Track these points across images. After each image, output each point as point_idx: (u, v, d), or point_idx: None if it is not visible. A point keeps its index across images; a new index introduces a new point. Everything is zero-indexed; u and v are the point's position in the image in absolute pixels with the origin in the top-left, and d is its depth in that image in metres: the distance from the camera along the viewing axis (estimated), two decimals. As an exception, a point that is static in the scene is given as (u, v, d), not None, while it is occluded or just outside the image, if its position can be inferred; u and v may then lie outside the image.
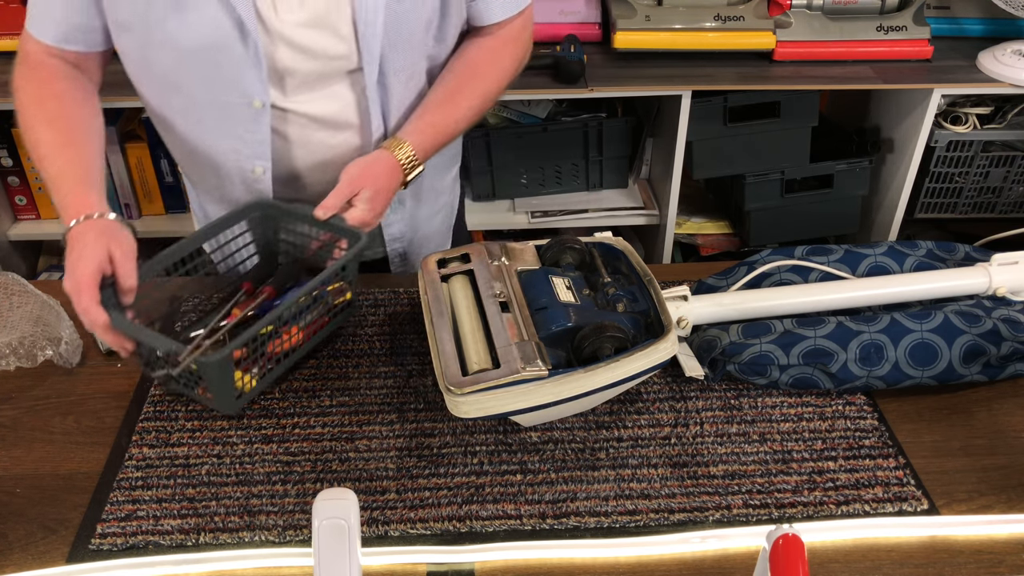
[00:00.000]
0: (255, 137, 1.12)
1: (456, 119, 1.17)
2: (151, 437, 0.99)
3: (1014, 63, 1.87)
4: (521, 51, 1.23)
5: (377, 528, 0.89)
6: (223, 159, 1.16)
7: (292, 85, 1.10)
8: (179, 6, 1.02)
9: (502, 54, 1.20)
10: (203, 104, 1.11)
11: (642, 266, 1.06)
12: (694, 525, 0.89)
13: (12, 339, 1.08)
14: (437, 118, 1.15)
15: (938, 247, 1.18)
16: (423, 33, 1.12)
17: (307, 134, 1.14)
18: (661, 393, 1.05)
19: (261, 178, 1.17)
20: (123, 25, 1.06)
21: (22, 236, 2.15)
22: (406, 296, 1.22)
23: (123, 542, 0.88)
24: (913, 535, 0.88)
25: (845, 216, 2.15)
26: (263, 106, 1.09)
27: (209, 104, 1.10)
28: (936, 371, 1.02)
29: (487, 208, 2.21)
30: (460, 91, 1.16)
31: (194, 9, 1.02)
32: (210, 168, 1.18)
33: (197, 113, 1.12)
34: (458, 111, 1.16)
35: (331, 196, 1.07)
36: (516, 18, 1.18)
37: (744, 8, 1.92)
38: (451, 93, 1.16)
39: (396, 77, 1.12)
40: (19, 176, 2.09)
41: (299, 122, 1.13)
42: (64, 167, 1.04)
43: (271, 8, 1.04)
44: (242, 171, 1.16)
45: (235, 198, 1.20)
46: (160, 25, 1.03)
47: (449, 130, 1.16)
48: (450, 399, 0.90)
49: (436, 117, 1.15)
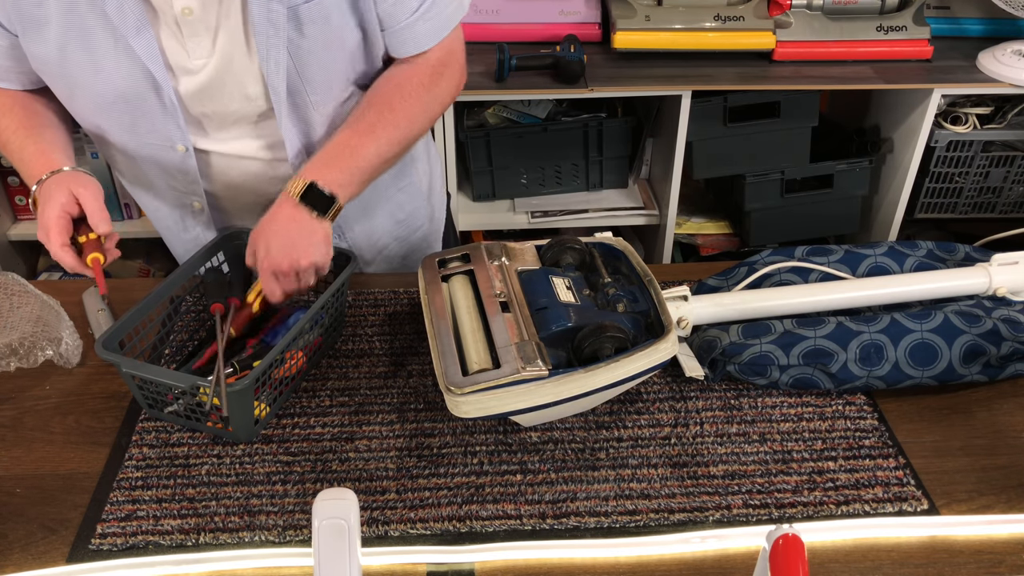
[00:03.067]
0: (186, 178, 1.14)
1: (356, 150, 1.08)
2: (151, 437, 0.99)
3: (1014, 63, 1.87)
4: (444, 83, 1.15)
5: (377, 528, 0.89)
6: (163, 195, 1.20)
7: (211, 128, 1.11)
8: (92, 58, 1.01)
9: (405, 87, 1.11)
10: (132, 147, 1.11)
11: (642, 266, 1.06)
12: (694, 525, 0.89)
13: (12, 339, 1.07)
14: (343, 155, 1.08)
15: (938, 247, 1.18)
16: (345, 64, 1.09)
17: (234, 171, 1.15)
18: (661, 393, 1.05)
19: (201, 211, 1.20)
20: (42, 71, 1.06)
21: (22, 236, 2.15)
22: (406, 296, 1.22)
23: (123, 542, 0.88)
24: (913, 535, 0.88)
25: (845, 216, 2.15)
26: (187, 150, 1.10)
27: (137, 147, 1.11)
28: (936, 371, 1.02)
29: (487, 208, 2.21)
30: (357, 126, 1.09)
31: (106, 61, 1.01)
32: (154, 201, 1.23)
33: (129, 155, 1.13)
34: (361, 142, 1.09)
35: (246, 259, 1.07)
36: (433, 51, 1.12)
37: (744, 8, 1.92)
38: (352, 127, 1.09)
39: (316, 110, 1.10)
40: (19, 176, 2.09)
41: (224, 161, 1.14)
42: (25, 142, 1.06)
43: (183, 56, 1.03)
44: (182, 205, 1.21)
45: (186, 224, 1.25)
46: (77, 75, 1.03)
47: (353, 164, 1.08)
48: (450, 399, 0.90)
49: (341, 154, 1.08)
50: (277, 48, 1.02)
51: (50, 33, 0.99)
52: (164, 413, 0.99)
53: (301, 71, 1.05)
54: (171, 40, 1.01)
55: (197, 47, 1.02)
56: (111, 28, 0.98)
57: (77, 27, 0.98)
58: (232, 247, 1.15)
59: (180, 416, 0.99)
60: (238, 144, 1.13)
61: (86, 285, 1.23)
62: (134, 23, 0.98)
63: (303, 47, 1.04)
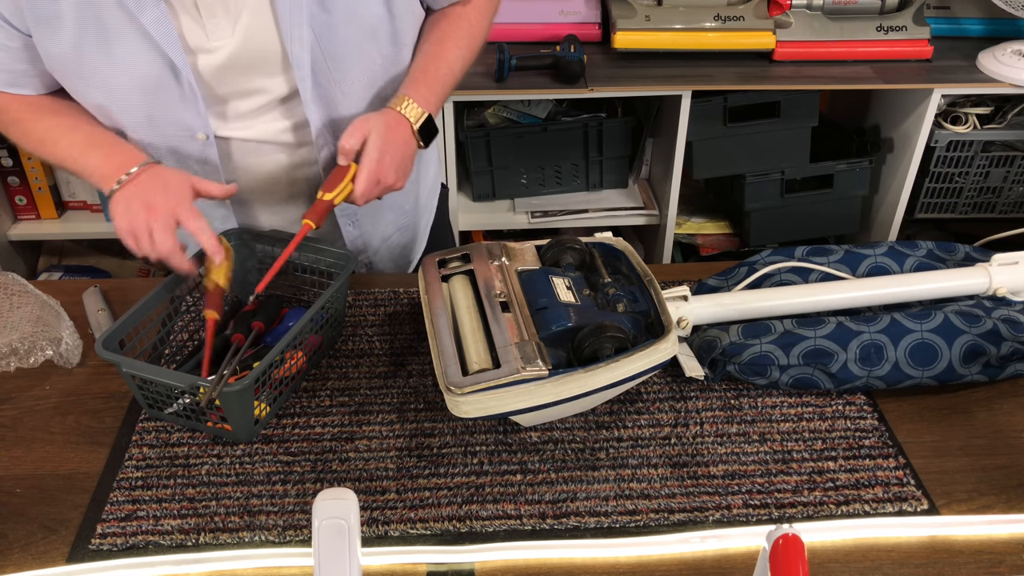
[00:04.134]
0: (206, 168, 1.13)
1: (449, 64, 1.16)
2: (151, 437, 0.99)
3: (1014, 63, 1.87)
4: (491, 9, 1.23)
5: (377, 528, 0.89)
6: None
7: (232, 113, 1.10)
8: (109, 50, 1.00)
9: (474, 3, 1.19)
10: (151, 140, 1.10)
11: (642, 266, 1.06)
12: (694, 525, 0.89)
13: (12, 339, 1.08)
14: (430, 67, 1.14)
15: (938, 247, 1.18)
16: (369, 42, 1.10)
17: (256, 158, 1.15)
18: (661, 393, 1.05)
19: (220, 206, 1.19)
20: (57, 70, 1.05)
21: (22, 236, 2.16)
22: (406, 296, 1.22)
23: (123, 542, 0.88)
24: (913, 535, 0.88)
25: (845, 216, 2.15)
26: (208, 138, 1.10)
27: (156, 139, 1.10)
28: (936, 371, 1.02)
29: (487, 208, 2.21)
30: (445, 38, 1.16)
31: (123, 50, 1.01)
32: None
33: (148, 149, 1.12)
34: (449, 55, 1.16)
35: (343, 139, 1.06)
36: None
37: (744, 8, 1.92)
38: (437, 41, 1.16)
39: (339, 88, 1.10)
40: (19, 176, 2.09)
41: (245, 148, 1.13)
42: (91, 134, 1.06)
43: (202, 38, 1.03)
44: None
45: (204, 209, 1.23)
46: (93, 70, 1.03)
47: (444, 76, 1.15)
48: (450, 399, 0.90)
49: (429, 67, 1.14)
50: (300, 24, 1.02)
51: (64, 29, 0.99)
52: (164, 413, 0.99)
53: (324, 48, 1.06)
54: (190, 22, 1.01)
55: (217, 28, 1.02)
56: (127, 15, 0.98)
57: (92, 19, 0.98)
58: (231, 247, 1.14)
59: (180, 416, 0.99)
60: (260, 128, 1.12)
61: (86, 285, 1.23)
62: (151, 7, 0.98)
63: (326, 23, 1.04)
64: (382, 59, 1.13)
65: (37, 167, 2.08)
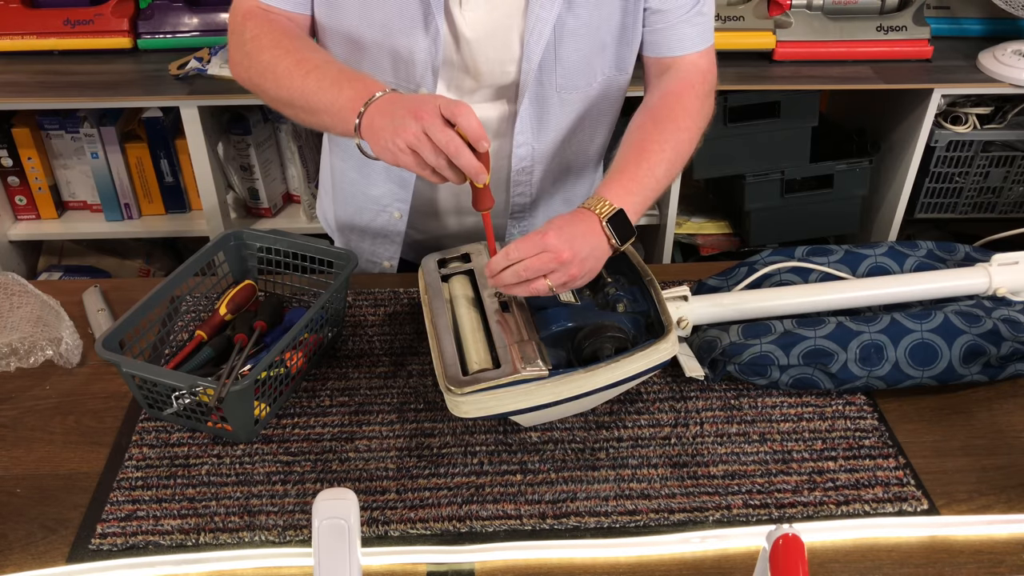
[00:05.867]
0: None
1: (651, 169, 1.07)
2: (151, 437, 0.99)
3: (1014, 63, 1.87)
4: (705, 90, 1.15)
5: (377, 528, 0.89)
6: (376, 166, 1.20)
7: (454, 85, 1.12)
8: None
9: (685, 98, 1.12)
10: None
11: (642, 266, 1.06)
12: (694, 525, 0.89)
13: (12, 339, 1.07)
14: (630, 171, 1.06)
15: (938, 247, 1.18)
16: (598, 56, 1.12)
17: None
18: (661, 393, 1.05)
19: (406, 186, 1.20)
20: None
21: (22, 236, 2.15)
22: (406, 296, 1.22)
23: (123, 542, 0.88)
24: (913, 535, 0.88)
25: (845, 216, 2.15)
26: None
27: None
28: (936, 371, 1.02)
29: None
30: (647, 142, 1.09)
31: None
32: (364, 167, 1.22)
33: None
34: (651, 160, 1.07)
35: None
36: (701, 56, 1.14)
37: (744, 8, 1.92)
38: (640, 145, 1.09)
39: (558, 94, 1.13)
40: (19, 176, 2.09)
41: None
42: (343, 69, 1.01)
43: (455, 5, 1.05)
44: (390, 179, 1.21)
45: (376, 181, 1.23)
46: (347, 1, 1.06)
47: (648, 183, 1.06)
48: (450, 399, 0.90)
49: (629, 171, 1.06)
50: (545, 21, 1.05)
51: None
52: (164, 413, 0.99)
53: (557, 49, 1.08)
54: None
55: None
56: None
57: None
58: (231, 248, 1.15)
59: (180, 416, 0.99)
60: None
61: (86, 285, 1.23)
62: None
63: (567, 25, 1.07)
64: (603, 77, 1.15)
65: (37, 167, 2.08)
